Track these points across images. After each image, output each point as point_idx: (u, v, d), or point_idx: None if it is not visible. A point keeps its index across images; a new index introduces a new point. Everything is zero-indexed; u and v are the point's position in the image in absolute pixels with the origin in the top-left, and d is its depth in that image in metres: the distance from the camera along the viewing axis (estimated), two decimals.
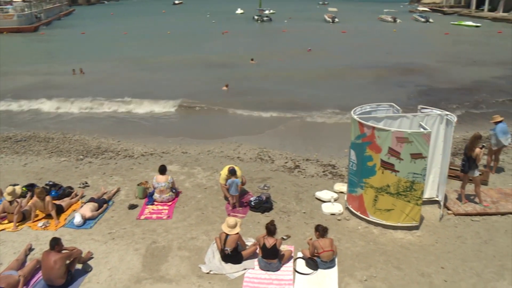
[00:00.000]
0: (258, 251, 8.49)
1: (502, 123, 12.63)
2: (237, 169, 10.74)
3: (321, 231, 8.48)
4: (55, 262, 7.55)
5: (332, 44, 46.07)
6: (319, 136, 17.82)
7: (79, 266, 8.21)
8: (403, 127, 9.91)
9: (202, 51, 41.69)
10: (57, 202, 10.46)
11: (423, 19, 74.89)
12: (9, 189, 10.04)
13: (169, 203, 10.87)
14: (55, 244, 7.72)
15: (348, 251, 8.86)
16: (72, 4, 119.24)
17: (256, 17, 78.60)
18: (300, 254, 8.71)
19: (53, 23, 75.53)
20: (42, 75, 30.34)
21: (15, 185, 10.64)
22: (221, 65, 33.81)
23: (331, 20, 72.36)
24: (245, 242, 8.83)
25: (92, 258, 8.56)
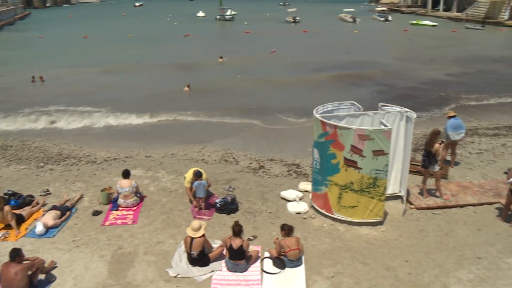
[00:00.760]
0: (225, 252, 8.48)
1: (454, 118, 13.03)
2: (202, 171, 10.71)
3: (287, 230, 8.55)
4: (15, 274, 7.29)
5: (294, 45, 46.48)
6: (283, 136, 17.89)
7: (42, 276, 7.98)
8: (364, 124, 10.12)
9: (164, 53, 41.35)
10: (17, 211, 10.11)
11: (382, 19, 76.61)
12: None
13: (134, 208, 10.72)
14: (15, 256, 7.47)
15: (315, 249, 8.96)
16: (28, 6, 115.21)
17: (218, 16, 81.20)
18: (267, 254, 8.75)
19: (5, 27, 72.35)
20: None
21: None
22: (183, 67, 33.55)
23: (293, 20, 73.34)
24: (212, 244, 8.80)
25: (56, 267, 8.34)
